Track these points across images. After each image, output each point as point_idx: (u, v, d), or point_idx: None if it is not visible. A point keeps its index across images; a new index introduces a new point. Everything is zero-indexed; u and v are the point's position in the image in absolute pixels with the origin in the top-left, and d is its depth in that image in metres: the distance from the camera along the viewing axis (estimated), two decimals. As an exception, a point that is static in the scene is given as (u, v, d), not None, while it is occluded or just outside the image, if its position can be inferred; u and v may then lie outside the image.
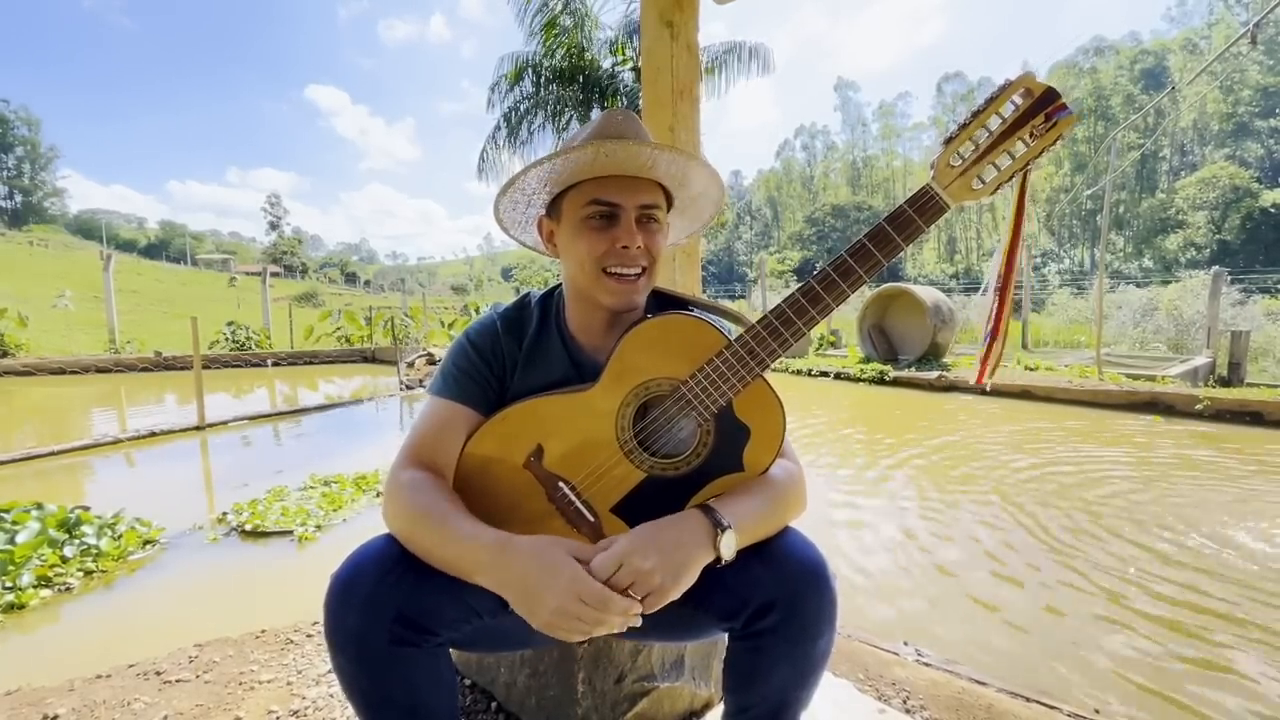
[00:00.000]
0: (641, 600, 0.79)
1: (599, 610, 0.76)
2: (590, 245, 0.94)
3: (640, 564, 0.79)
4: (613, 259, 0.94)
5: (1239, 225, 36.83)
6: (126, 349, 12.56)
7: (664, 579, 0.79)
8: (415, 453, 0.94)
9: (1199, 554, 2.96)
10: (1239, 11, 47.47)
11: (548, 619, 0.76)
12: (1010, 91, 0.79)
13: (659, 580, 0.79)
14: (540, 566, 0.78)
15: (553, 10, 11.38)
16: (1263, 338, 10.69)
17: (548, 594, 0.76)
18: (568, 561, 0.79)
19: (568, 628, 0.76)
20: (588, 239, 0.94)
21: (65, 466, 4.65)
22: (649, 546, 0.80)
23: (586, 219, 0.94)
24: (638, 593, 0.78)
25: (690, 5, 1.82)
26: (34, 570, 2.59)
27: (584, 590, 0.76)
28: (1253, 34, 5.61)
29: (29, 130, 72.39)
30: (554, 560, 0.79)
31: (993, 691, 1.59)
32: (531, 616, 0.78)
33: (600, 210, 0.93)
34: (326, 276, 77.96)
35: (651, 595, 0.79)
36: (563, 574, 0.77)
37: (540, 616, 0.77)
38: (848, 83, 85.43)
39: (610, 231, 0.94)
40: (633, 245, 0.93)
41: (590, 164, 0.91)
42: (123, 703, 1.53)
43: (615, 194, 0.93)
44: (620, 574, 0.78)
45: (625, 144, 0.88)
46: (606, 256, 0.94)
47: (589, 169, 0.92)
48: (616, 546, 0.81)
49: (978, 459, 4.76)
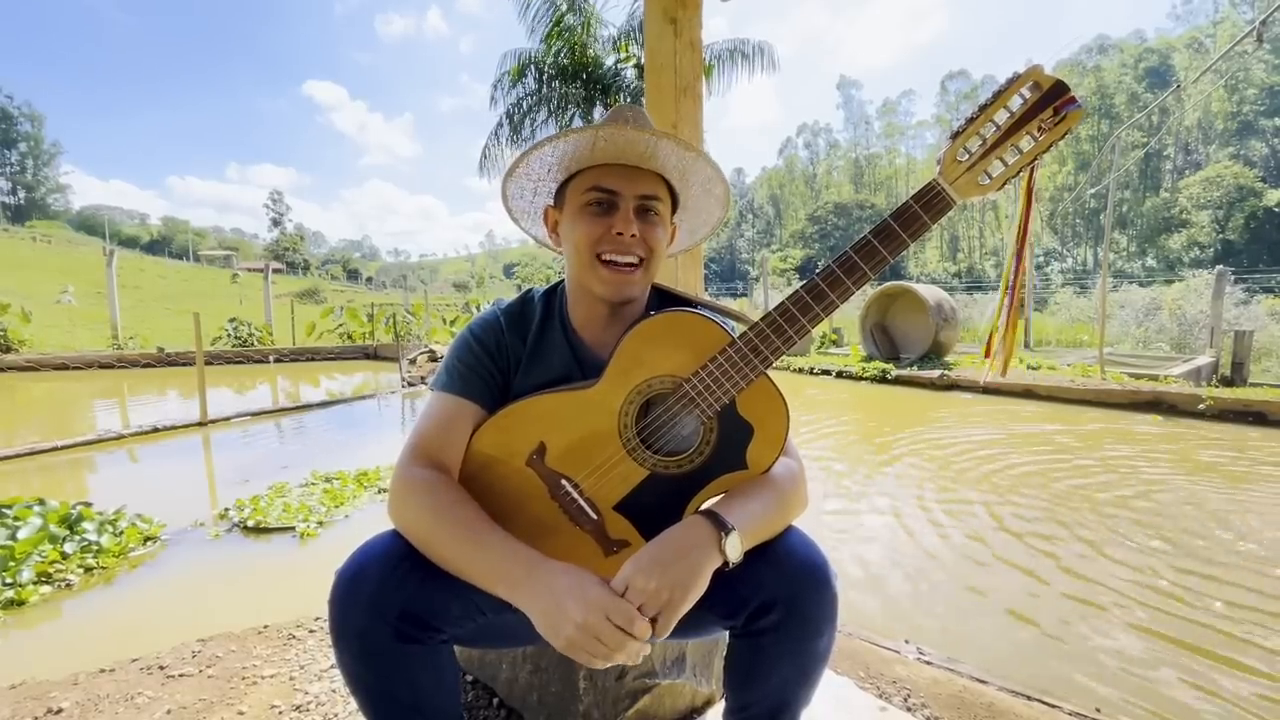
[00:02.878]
0: (653, 620, 0.78)
1: (626, 628, 0.75)
2: (587, 230, 0.94)
3: (645, 584, 0.78)
4: (607, 245, 0.93)
5: (1243, 225, 36.70)
6: (129, 345, 12.58)
7: (672, 594, 0.78)
8: (422, 449, 0.93)
9: (1199, 554, 2.96)
10: (1245, 10, 47.22)
11: (572, 635, 0.75)
12: (1018, 85, 0.78)
13: (666, 596, 0.78)
14: (570, 584, 0.78)
15: (558, 8, 11.35)
16: (1266, 338, 10.65)
17: (575, 610, 0.75)
18: (597, 582, 0.79)
19: (591, 648, 0.75)
20: (585, 224, 0.94)
21: (68, 462, 4.66)
22: (652, 566, 0.80)
23: (585, 205, 0.94)
24: (647, 613, 0.78)
25: (693, 2, 1.81)
26: (34, 566, 2.59)
27: (612, 608, 0.76)
28: (1259, 32, 5.58)
29: (32, 126, 72.48)
30: (584, 579, 0.79)
31: (993, 690, 1.59)
32: (556, 633, 0.76)
33: (599, 197, 0.93)
34: (329, 273, 78.10)
35: (663, 613, 0.78)
36: (591, 592, 0.77)
37: (565, 633, 0.75)
38: (851, 81, 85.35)
39: (608, 218, 0.93)
40: (628, 233, 0.92)
41: (591, 150, 0.91)
42: (126, 697, 1.53)
43: (614, 181, 0.93)
44: (629, 594, 0.78)
45: (624, 129, 0.88)
46: (601, 242, 0.93)
47: (590, 156, 0.92)
48: (620, 573, 0.81)
49: (978, 458, 4.75)
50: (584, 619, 0.75)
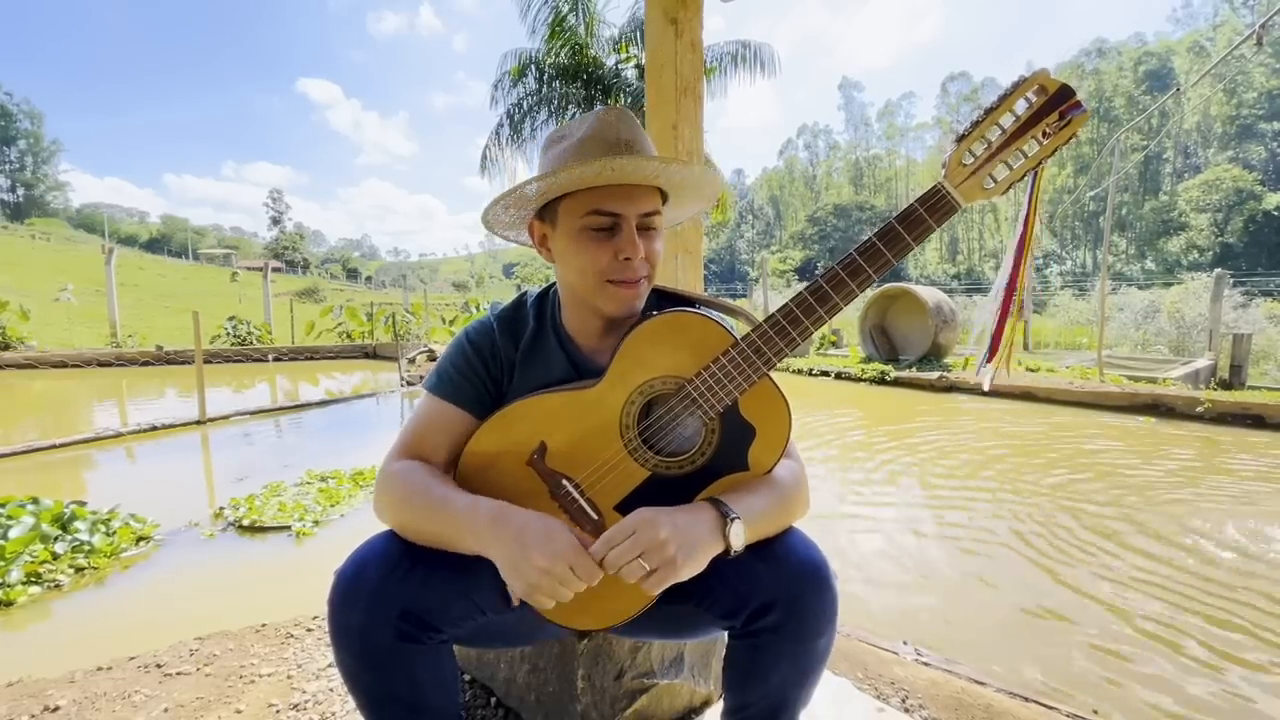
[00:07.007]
0: (652, 573, 0.77)
1: (587, 580, 0.76)
2: (593, 257, 0.91)
3: (654, 533, 0.78)
4: (615, 270, 0.91)
5: (1242, 228, 36.79)
6: (128, 343, 12.57)
7: (677, 551, 0.78)
8: (407, 448, 0.94)
9: (1198, 555, 2.96)
10: (1244, 14, 47.33)
11: (535, 579, 0.76)
12: (1024, 88, 0.78)
13: (672, 550, 0.77)
14: (539, 529, 0.79)
15: (559, 8, 11.34)
16: (1264, 341, 10.66)
17: (539, 554, 0.76)
18: (567, 531, 0.80)
19: (550, 590, 0.76)
20: (590, 251, 0.91)
21: (66, 460, 4.65)
22: (662, 517, 0.80)
23: (586, 229, 0.91)
24: (649, 563, 0.77)
25: (694, 2, 1.81)
26: (24, 566, 2.56)
27: (577, 561, 0.77)
28: (1258, 35, 5.59)
29: (31, 124, 72.35)
30: (552, 526, 0.79)
31: (991, 691, 1.59)
32: (517, 575, 0.77)
33: (600, 221, 0.90)
34: (328, 272, 78.03)
35: (663, 568, 0.77)
36: (559, 540, 0.78)
37: (527, 577, 0.76)
38: (852, 82, 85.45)
39: (612, 242, 0.91)
40: (636, 257, 0.91)
41: (594, 178, 0.88)
42: (123, 694, 1.53)
43: (616, 204, 0.90)
44: (633, 540, 0.77)
45: (635, 160, 0.86)
46: (609, 268, 0.91)
47: (591, 181, 0.89)
48: (629, 516, 0.80)
49: (977, 459, 4.76)
50: (547, 565, 0.75)
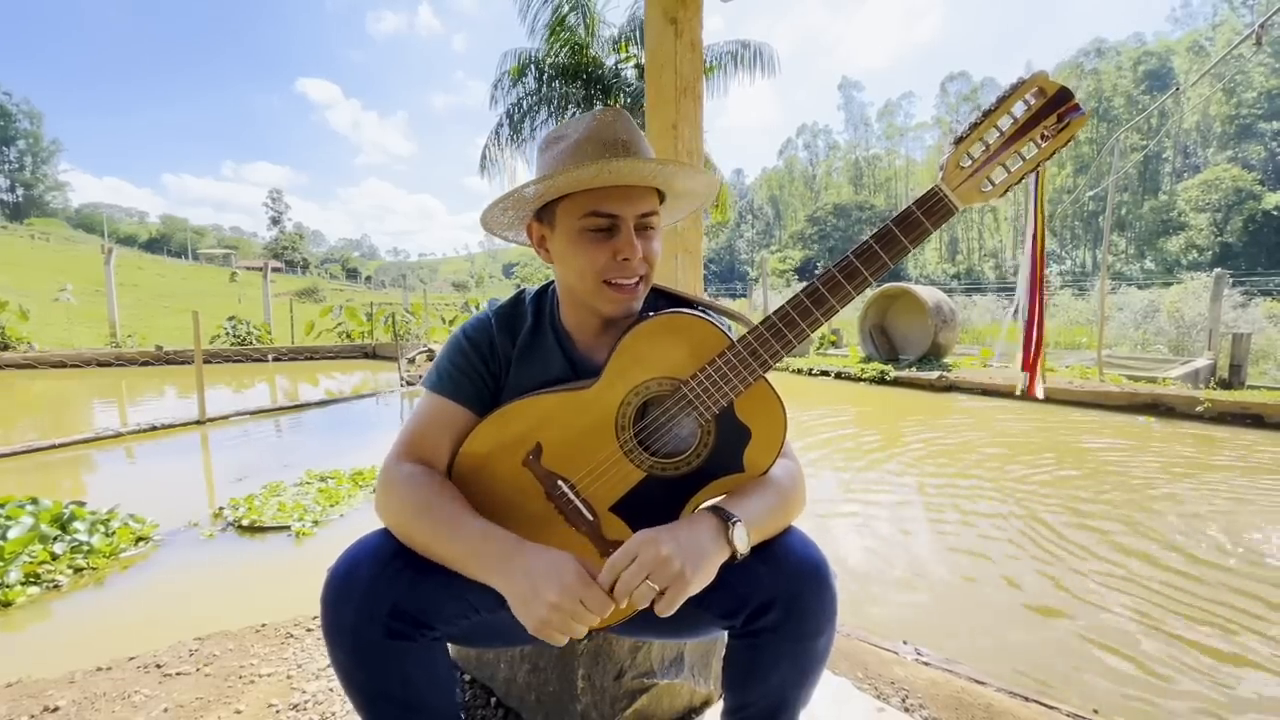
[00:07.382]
0: (662, 592, 0.77)
1: (598, 613, 0.76)
2: (591, 258, 0.91)
3: (657, 551, 0.77)
4: (613, 271, 0.92)
5: (1241, 228, 36.79)
6: (127, 343, 12.57)
7: (684, 565, 0.77)
8: (410, 448, 0.94)
9: (1198, 555, 2.96)
10: (1244, 13, 47.32)
11: (545, 615, 0.75)
12: (1022, 91, 0.78)
13: (679, 565, 0.77)
14: (547, 565, 0.78)
15: (558, 8, 11.33)
16: (1264, 340, 10.65)
17: (549, 590, 0.76)
18: (575, 565, 0.79)
19: (561, 625, 0.76)
20: (588, 252, 0.91)
21: (65, 460, 4.65)
22: (663, 534, 0.79)
23: (585, 230, 0.91)
24: (657, 582, 0.76)
25: (694, 2, 1.81)
26: (23, 567, 2.56)
27: (586, 593, 0.76)
28: (1258, 35, 5.59)
29: (31, 123, 72.25)
30: (561, 561, 0.79)
31: (991, 691, 1.59)
32: (528, 611, 0.76)
33: (599, 223, 0.91)
34: (328, 272, 78.02)
35: (673, 585, 0.76)
36: (568, 575, 0.77)
37: (537, 613, 0.76)
38: (852, 82, 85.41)
39: (610, 243, 0.91)
40: (634, 258, 0.91)
41: (592, 179, 0.89)
42: (123, 695, 1.53)
43: (614, 205, 0.90)
44: (637, 563, 0.77)
45: (632, 162, 0.87)
46: (607, 269, 0.92)
47: (589, 183, 0.90)
48: (630, 540, 0.80)
49: (977, 458, 4.76)
50: (558, 600, 0.75)
